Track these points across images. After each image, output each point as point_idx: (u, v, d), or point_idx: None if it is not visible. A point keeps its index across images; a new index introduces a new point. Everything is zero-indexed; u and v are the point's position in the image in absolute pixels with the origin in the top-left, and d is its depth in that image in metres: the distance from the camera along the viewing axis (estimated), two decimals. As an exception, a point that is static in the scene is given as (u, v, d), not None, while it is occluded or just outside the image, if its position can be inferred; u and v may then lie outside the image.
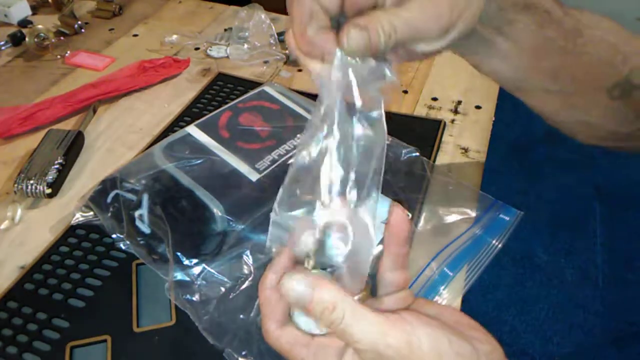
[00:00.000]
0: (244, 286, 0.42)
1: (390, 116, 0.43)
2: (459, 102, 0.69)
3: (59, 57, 0.76)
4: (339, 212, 0.31)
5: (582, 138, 0.45)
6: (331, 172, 0.30)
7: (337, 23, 0.31)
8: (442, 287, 0.44)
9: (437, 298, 0.44)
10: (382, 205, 0.49)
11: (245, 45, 0.76)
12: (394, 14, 0.30)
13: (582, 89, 0.41)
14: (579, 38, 0.38)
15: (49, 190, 0.52)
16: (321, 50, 0.30)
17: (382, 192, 0.52)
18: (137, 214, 0.45)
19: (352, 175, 0.30)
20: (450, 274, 0.45)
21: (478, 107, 0.68)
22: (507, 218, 0.49)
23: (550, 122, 0.44)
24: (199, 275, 0.43)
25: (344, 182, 0.30)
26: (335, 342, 0.29)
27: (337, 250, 0.31)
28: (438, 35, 0.32)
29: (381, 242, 0.48)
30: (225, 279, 0.43)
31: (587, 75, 0.40)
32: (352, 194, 0.31)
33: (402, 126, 0.61)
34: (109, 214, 0.47)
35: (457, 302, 0.44)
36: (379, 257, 0.47)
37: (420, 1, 0.30)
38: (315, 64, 0.31)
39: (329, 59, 0.30)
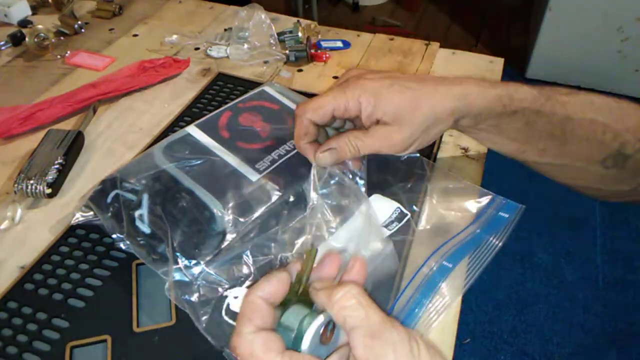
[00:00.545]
0: (243, 286, 0.42)
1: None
2: (459, 102, 0.69)
3: (59, 57, 0.76)
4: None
5: (587, 195, 0.48)
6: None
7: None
8: (442, 282, 0.44)
9: (439, 298, 0.44)
10: (383, 208, 0.50)
11: (245, 45, 0.76)
12: (359, 138, 0.43)
13: (572, 163, 0.44)
14: (568, 125, 0.42)
15: (49, 190, 0.52)
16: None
17: (382, 192, 0.52)
18: (137, 214, 0.45)
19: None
20: (450, 265, 0.45)
21: (478, 107, 0.68)
22: (507, 215, 0.49)
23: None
24: (198, 275, 0.43)
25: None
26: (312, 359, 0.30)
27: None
28: (396, 153, 0.44)
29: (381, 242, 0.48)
30: (225, 280, 0.43)
31: (576, 152, 0.43)
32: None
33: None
34: (109, 214, 0.47)
35: (457, 302, 0.44)
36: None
37: (382, 132, 0.42)
38: (310, 159, 0.45)
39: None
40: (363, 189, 0.47)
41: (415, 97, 0.41)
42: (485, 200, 0.51)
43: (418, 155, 0.55)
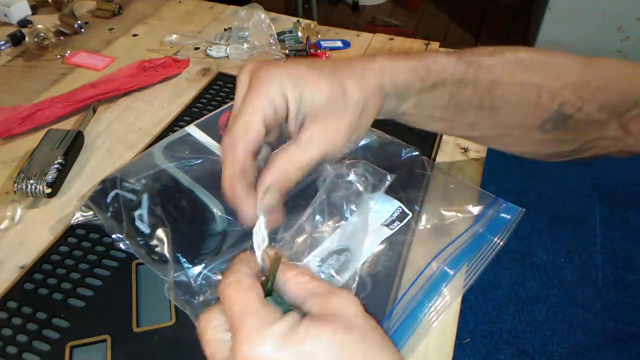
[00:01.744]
0: None
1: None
2: (459, 102, 0.69)
3: (59, 57, 0.76)
4: None
5: (527, 158, 0.44)
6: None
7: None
8: (444, 286, 0.44)
9: (439, 299, 0.44)
10: (384, 207, 0.50)
11: (245, 45, 0.76)
12: (294, 153, 0.34)
13: (508, 133, 0.40)
14: (497, 91, 0.37)
15: (49, 190, 0.52)
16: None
17: (383, 192, 0.52)
18: (137, 214, 0.45)
19: None
20: (451, 272, 0.45)
21: (478, 107, 0.68)
22: (508, 216, 0.49)
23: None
24: (198, 275, 0.43)
25: None
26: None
27: None
28: (339, 152, 0.36)
29: (382, 242, 0.48)
30: (225, 279, 0.43)
31: (510, 120, 0.39)
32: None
33: (402, 126, 0.61)
34: (109, 214, 0.47)
35: (458, 302, 0.44)
36: (378, 256, 0.47)
37: (317, 132, 0.34)
38: (245, 214, 0.34)
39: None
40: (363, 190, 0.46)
41: (338, 80, 0.35)
42: (485, 202, 0.51)
43: (418, 154, 0.55)
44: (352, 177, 0.45)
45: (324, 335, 0.26)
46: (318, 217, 0.43)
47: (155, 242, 0.44)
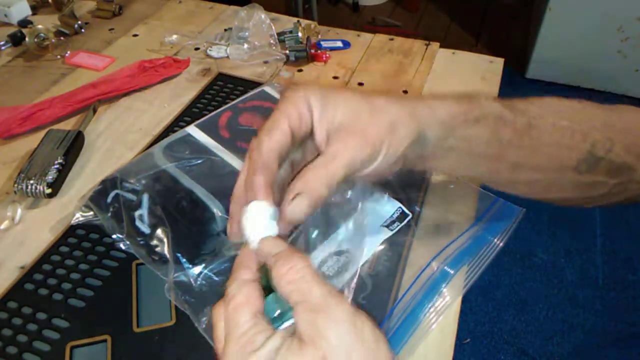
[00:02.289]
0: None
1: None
2: (459, 102, 0.69)
3: (59, 57, 0.76)
4: None
5: (559, 205, 0.45)
6: None
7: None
8: (444, 286, 0.44)
9: (439, 298, 0.44)
10: (384, 207, 0.50)
11: (245, 45, 0.76)
12: (321, 165, 0.33)
13: (547, 174, 0.41)
14: (532, 131, 0.38)
15: (49, 190, 0.52)
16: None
17: (384, 192, 0.52)
18: (137, 214, 0.45)
19: None
20: (451, 272, 0.45)
21: (478, 107, 0.68)
22: (508, 216, 0.49)
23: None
24: (198, 275, 0.43)
25: None
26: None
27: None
28: (367, 168, 0.34)
29: (383, 242, 0.48)
30: (225, 280, 0.43)
31: (549, 161, 0.40)
32: None
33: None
34: (109, 214, 0.47)
35: (458, 302, 0.44)
36: (378, 256, 0.47)
37: (343, 144, 0.33)
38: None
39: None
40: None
41: (368, 99, 0.35)
42: (485, 202, 0.51)
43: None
44: (349, 194, 0.44)
45: None
46: (315, 232, 0.43)
47: (155, 242, 0.44)
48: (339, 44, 0.80)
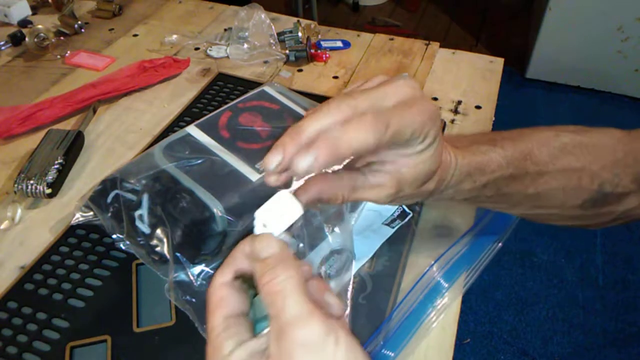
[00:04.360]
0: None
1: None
2: (459, 102, 0.69)
3: (59, 57, 0.76)
4: None
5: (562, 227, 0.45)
6: None
7: None
8: (445, 288, 0.45)
9: (439, 299, 0.44)
10: (385, 206, 0.50)
11: (245, 45, 0.76)
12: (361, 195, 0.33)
13: (548, 211, 0.41)
14: (540, 180, 0.38)
15: (49, 190, 0.52)
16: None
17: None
18: (137, 214, 0.45)
19: None
20: (446, 285, 0.45)
21: (478, 107, 0.68)
22: (507, 219, 0.49)
23: None
24: (198, 275, 0.43)
25: None
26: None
27: None
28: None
29: (383, 242, 0.48)
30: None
31: (552, 202, 0.40)
32: None
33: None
34: (109, 214, 0.47)
35: (457, 302, 0.44)
36: (378, 256, 0.47)
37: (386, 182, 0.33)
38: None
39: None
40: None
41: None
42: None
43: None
44: None
45: None
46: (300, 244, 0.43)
47: (155, 242, 0.44)
48: (339, 44, 0.80)
